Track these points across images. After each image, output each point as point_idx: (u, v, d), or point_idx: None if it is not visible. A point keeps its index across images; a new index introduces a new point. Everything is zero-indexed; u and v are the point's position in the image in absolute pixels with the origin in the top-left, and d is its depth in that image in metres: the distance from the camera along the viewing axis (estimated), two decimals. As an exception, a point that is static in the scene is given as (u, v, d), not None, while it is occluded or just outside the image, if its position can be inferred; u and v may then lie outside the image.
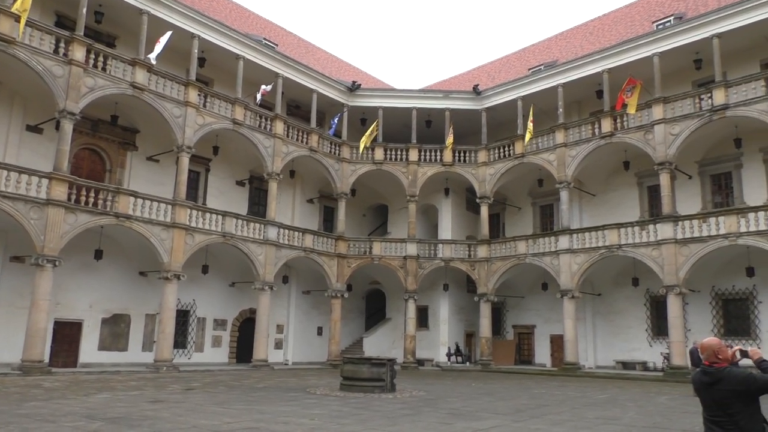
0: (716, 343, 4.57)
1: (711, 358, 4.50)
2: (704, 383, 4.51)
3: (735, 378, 4.31)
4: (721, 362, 4.48)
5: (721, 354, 4.50)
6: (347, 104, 31.91)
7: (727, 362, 4.47)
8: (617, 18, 33.13)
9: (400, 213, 33.46)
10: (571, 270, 27.06)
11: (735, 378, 4.31)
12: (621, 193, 29.11)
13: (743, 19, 23.29)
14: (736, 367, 4.41)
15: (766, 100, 22.23)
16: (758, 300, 24.22)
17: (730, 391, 4.32)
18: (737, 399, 4.30)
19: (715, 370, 4.46)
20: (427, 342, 31.67)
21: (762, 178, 24.73)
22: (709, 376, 4.47)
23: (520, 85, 30.66)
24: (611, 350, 28.30)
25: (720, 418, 4.39)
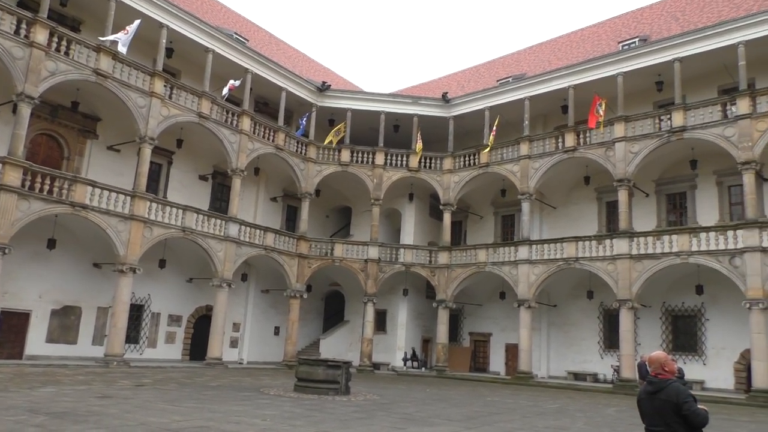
0: (663, 357, 4.85)
1: (657, 370, 4.75)
2: (648, 392, 4.76)
3: (673, 390, 4.57)
4: (666, 374, 4.74)
5: (667, 367, 4.78)
6: (316, 104, 31.80)
7: (672, 375, 4.75)
8: (584, 36, 33.87)
9: (364, 216, 33.49)
10: (529, 280, 27.48)
11: (673, 390, 4.57)
12: (581, 207, 29.73)
13: (703, 46, 24.09)
14: (679, 381, 4.65)
15: (722, 124, 23.03)
16: (705, 318, 25.02)
17: (666, 401, 4.56)
18: (673, 410, 4.53)
19: (659, 381, 4.72)
20: (384, 346, 31.73)
21: (715, 199, 25.58)
22: (653, 385, 4.73)
23: (488, 96, 31.05)
24: (564, 361, 28.84)
25: (659, 428, 4.61)
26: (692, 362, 24.76)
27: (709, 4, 27.99)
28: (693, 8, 28.75)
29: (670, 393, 4.57)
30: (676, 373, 4.85)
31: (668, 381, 4.68)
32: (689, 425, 4.51)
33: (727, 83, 24.86)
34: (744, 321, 21.97)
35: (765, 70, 24.02)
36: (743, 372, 23.22)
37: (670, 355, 20.70)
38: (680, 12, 29.19)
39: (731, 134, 22.74)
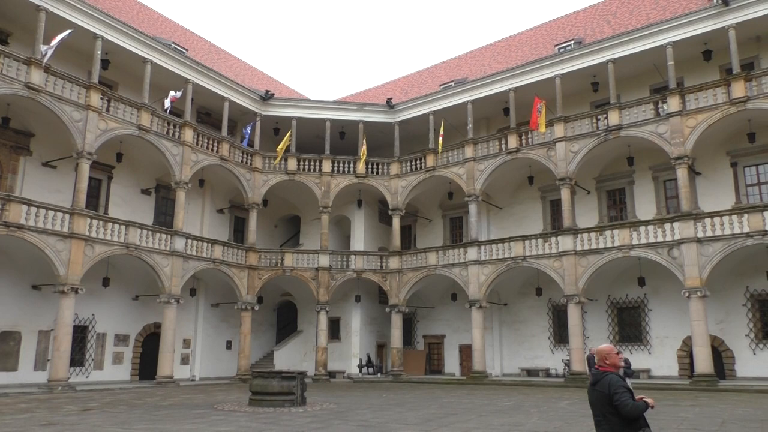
0: (608, 349, 4.97)
1: (600, 363, 4.91)
2: (591, 383, 4.93)
3: (607, 381, 4.74)
4: (607, 367, 4.87)
5: (609, 360, 4.90)
6: (260, 113, 31.47)
7: (614, 368, 4.85)
8: (523, 40, 34.72)
9: (313, 224, 33.29)
10: (479, 281, 27.89)
11: (607, 381, 4.74)
12: (526, 206, 30.39)
13: (635, 47, 25.07)
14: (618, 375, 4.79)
15: (655, 122, 24.01)
16: (648, 308, 25.96)
17: (601, 393, 4.73)
18: (606, 401, 4.70)
19: (598, 373, 4.88)
20: (339, 354, 31.58)
21: (652, 194, 26.60)
22: (594, 377, 4.90)
23: (432, 100, 31.42)
24: (516, 358, 29.37)
25: (598, 418, 4.84)
26: (638, 352, 25.63)
27: (638, 8, 29.16)
28: (623, 11, 29.88)
29: (604, 384, 4.74)
30: (621, 364, 4.98)
31: (605, 373, 4.83)
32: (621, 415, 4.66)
33: (658, 82, 25.92)
34: (684, 309, 22.89)
35: (693, 70, 25.16)
36: (686, 358, 24.18)
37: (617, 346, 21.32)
38: (612, 15, 30.29)
39: (664, 131, 23.72)
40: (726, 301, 23.66)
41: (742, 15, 22.69)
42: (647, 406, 4.65)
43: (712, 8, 23.35)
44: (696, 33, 23.73)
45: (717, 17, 23.17)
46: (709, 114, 22.80)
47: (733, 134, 23.79)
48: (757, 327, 23.26)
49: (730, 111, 22.34)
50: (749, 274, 23.09)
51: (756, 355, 23.03)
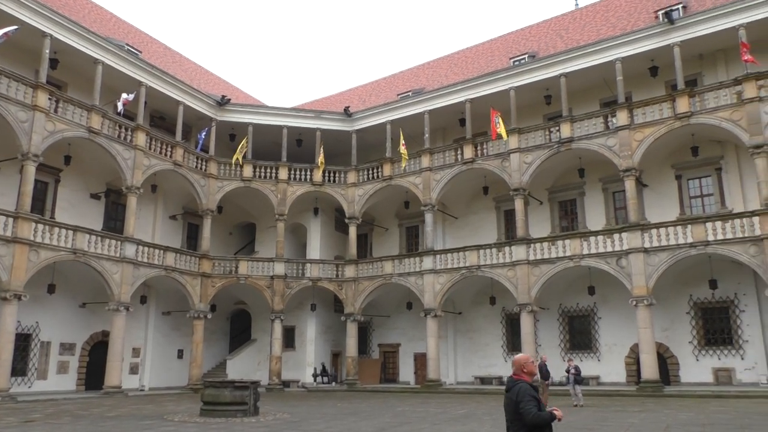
0: (524, 359, 5.23)
1: (517, 371, 5.14)
2: (505, 390, 5.13)
3: (517, 390, 4.97)
4: (523, 375, 5.10)
5: (526, 368, 5.14)
6: (216, 118, 31.04)
7: (530, 376, 5.12)
8: (479, 52, 35.33)
9: (269, 232, 32.93)
10: (434, 289, 28.08)
11: (517, 390, 4.97)
12: (481, 216, 30.80)
13: (586, 62, 25.83)
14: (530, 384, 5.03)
15: (605, 135, 24.74)
16: (598, 316, 26.60)
17: (511, 399, 4.98)
18: (514, 408, 4.94)
19: (512, 381, 5.10)
20: (294, 363, 31.25)
21: (601, 205, 27.35)
22: (508, 384, 5.12)
23: (390, 110, 31.61)
24: (470, 366, 29.63)
25: (509, 422, 5.06)
26: (588, 359, 26.21)
27: (589, 24, 30.07)
28: (575, 27, 30.77)
29: (515, 392, 4.97)
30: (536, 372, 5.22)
31: (518, 381, 5.05)
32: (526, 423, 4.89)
33: (607, 97, 26.73)
34: (632, 317, 23.54)
35: (640, 85, 26.04)
36: (633, 365, 24.84)
37: (568, 354, 21.79)
38: (564, 30, 31.15)
39: (613, 144, 24.46)
40: (671, 309, 24.46)
41: (687, 34, 23.67)
42: (553, 417, 4.86)
43: (659, 26, 24.28)
44: (643, 50, 24.62)
45: (663, 35, 24.10)
46: (655, 128, 23.63)
47: (677, 148, 24.70)
48: (700, 334, 24.11)
49: (675, 125, 23.21)
50: (692, 283, 23.93)
51: (699, 361, 23.86)
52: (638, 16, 27.61)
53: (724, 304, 23.72)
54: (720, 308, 23.88)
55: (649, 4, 28.24)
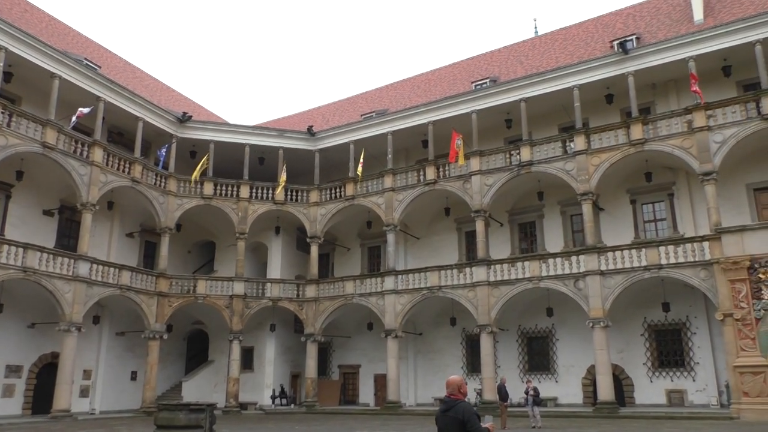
0: (460, 380, 5.45)
1: (454, 392, 5.41)
2: (442, 411, 5.30)
3: (461, 409, 5.17)
4: (459, 395, 5.32)
5: (462, 389, 5.37)
6: (177, 135, 30.62)
7: (464, 396, 5.34)
8: (442, 75, 35.85)
9: (229, 250, 32.45)
10: (396, 310, 28.05)
11: (461, 409, 5.17)
12: (442, 237, 31.01)
13: (545, 88, 26.46)
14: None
15: (563, 159, 25.30)
16: (556, 338, 26.95)
17: (454, 418, 5.14)
18: (458, 427, 5.12)
19: (451, 400, 5.28)
20: (252, 384, 30.69)
21: (560, 227, 27.86)
22: (446, 404, 5.29)
23: (353, 130, 31.72)
24: (430, 388, 29.55)
25: None
26: (546, 380, 26.46)
27: (548, 51, 30.87)
28: (535, 54, 31.54)
29: (458, 411, 5.14)
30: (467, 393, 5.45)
31: (458, 401, 5.25)
32: None
33: (566, 122, 27.37)
34: (589, 339, 23.91)
35: (597, 111, 26.76)
36: (590, 386, 25.18)
37: (526, 375, 21.97)
38: (525, 56, 31.89)
39: (571, 168, 25.02)
40: (626, 331, 24.95)
41: (640, 64, 24.53)
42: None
43: (614, 56, 25.09)
44: (599, 78, 25.38)
45: (618, 64, 24.90)
46: (611, 153, 24.28)
47: (632, 173, 25.41)
48: (654, 356, 24.64)
49: (630, 151, 23.90)
50: (647, 306, 24.48)
51: (652, 382, 24.35)
52: (595, 45, 28.50)
53: (677, 326, 24.33)
54: (672, 330, 24.48)
55: (605, 34, 29.19)
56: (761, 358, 19.38)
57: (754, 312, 19.87)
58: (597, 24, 31.16)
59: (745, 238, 20.63)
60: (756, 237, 20.52)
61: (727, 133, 22.05)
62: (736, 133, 21.91)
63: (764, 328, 19.61)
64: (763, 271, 20.01)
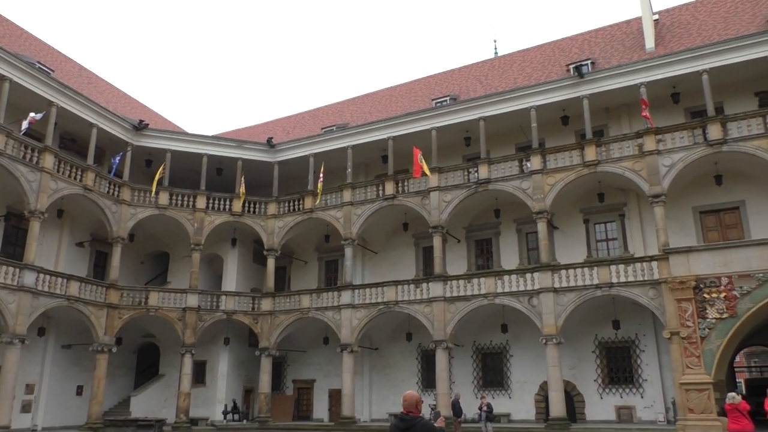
0: (417, 396, 5.45)
1: (411, 408, 5.35)
2: (399, 428, 5.26)
3: (424, 426, 5.20)
4: (417, 412, 5.32)
5: (419, 406, 5.39)
6: (132, 143, 29.98)
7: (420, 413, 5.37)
8: (403, 91, 36.20)
9: (183, 262, 31.84)
10: (352, 324, 27.96)
11: (424, 426, 5.20)
12: (400, 252, 31.13)
13: (503, 108, 26.98)
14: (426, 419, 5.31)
15: (519, 178, 25.80)
16: (510, 354, 27.28)
17: None
18: None
19: (410, 418, 5.26)
20: (203, 399, 30.04)
21: (515, 245, 28.31)
22: (405, 422, 5.26)
23: (313, 143, 31.67)
24: (385, 403, 29.47)
25: None
26: (500, 396, 26.72)
27: (507, 72, 31.55)
28: (494, 74, 32.19)
29: (420, 428, 5.16)
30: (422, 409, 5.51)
31: (417, 419, 5.24)
32: None
33: (523, 141, 27.93)
34: (542, 355, 24.27)
35: (553, 132, 27.40)
36: (542, 402, 25.53)
37: (480, 391, 22.20)
38: (484, 76, 32.51)
39: (527, 187, 25.52)
40: (578, 348, 25.45)
41: (595, 88, 25.29)
42: None
43: (570, 79, 25.81)
44: (556, 100, 26.04)
45: (573, 87, 25.62)
46: (565, 174, 24.88)
47: (585, 193, 26.09)
48: (604, 372, 25.19)
49: (584, 172, 24.55)
50: (598, 323, 25.04)
51: (603, 399, 24.86)
52: (551, 68, 29.27)
53: (626, 344, 24.95)
54: (622, 348, 25.08)
55: (561, 57, 30.02)
56: (706, 376, 20.03)
57: (699, 330, 20.56)
58: (554, 48, 32.02)
59: (691, 259, 21.38)
60: (701, 258, 21.30)
61: (676, 158, 22.90)
62: (683, 157, 22.78)
63: (709, 346, 20.30)
64: (707, 291, 20.76)
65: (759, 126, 21.88)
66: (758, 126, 21.90)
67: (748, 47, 22.73)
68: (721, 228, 24.29)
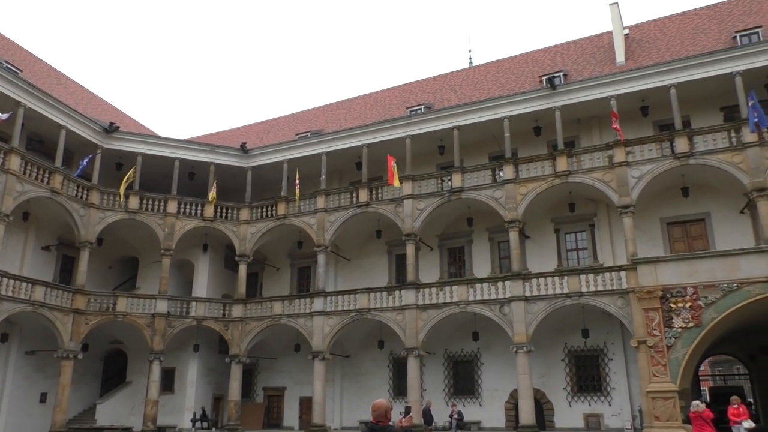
0: (387, 404, 5.43)
1: (380, 417, 5.30)
2: None
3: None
4: (386, 420, 5.31)
5: (389, 414, 5.35)
6: (102, 146, 29.48)
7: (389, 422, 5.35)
8: (377, 99, 36.30)
9: (153, 267, 31.33)
10: (324, 332, 27.82)
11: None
12: (373, 259, 31.12)
13: (477, 117, 27.23)
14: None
15: (492, 187, 26.03)
16: (481, 362, 27.43)
17: None
18: None
19: (380, 427, 5.27)
20: (172, 407, 29.56)
21: (488, 253, 28.52)
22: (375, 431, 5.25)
23: (287, 149, 31.53)
24: (356, 411, 29.34)
25: None
26: (470, 404, 26.82)
27: (481, 82, 31.88)
28: (468, 84, 32.50)
29: None
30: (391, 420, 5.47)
31: (388, 426, 5.26)
32: None
33: (496, 151, 28.19)
34: (512, 363, 24.45)
35: (525, 142, 27.71)
36: (512, 410, 25.70)
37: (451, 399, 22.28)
38: (458, 86, 32.79)
39: (499, 196, 25.77)
40: (548, 356, 25.70)
41: (567, 99, 25.69)
42: None
43: (542, 90, 26.19)
44: (528, 110, 26.37)
45: (546, 99, 25.99)
46: (537, 183, 25.19)
47: (557, 203, 26.43)
48: (573, 381, 25.48)
49: (555, 182, 24.89)
50: (567, 332, 25.34)
51: (571, 407, 25.14)
52: (525, 79, 29.66)
53: (595, 352, 25.29)
54: (591, 356, 25.41)
55: (535, 69, 30.44)
56: (672, 384, 20.40)
57: (665, 339, 20.94)
58: (528, 59, 32.47)
59: (659, 269, 21.80)
60: (668, 268, 21.74)
61: (644, 169, 23.37)
62: (651, 169, 23.27)
63: (675, 355, 20.70)
64: (674, 301, 21.17)
65: (724, 140, 22.50)
66: (723, 140, 22.52)
67: (714, 63, 23.37)
68: (687, 239, 24.84)
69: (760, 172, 21.53)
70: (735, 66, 22.97)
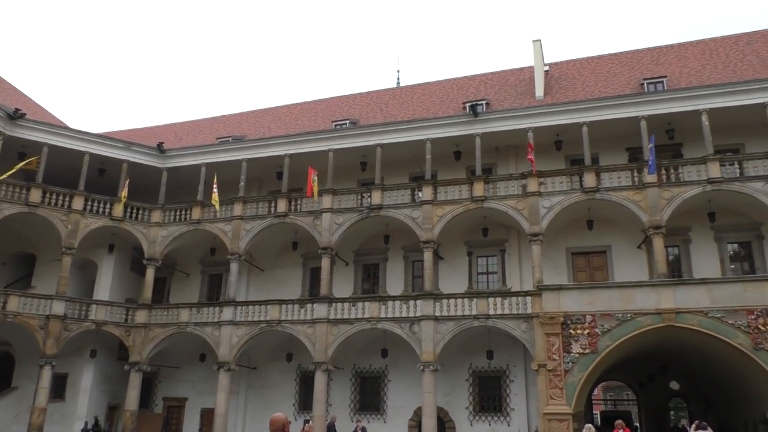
0: (284, 419, 5.36)
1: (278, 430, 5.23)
2: None
3: None
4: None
5: (287, 428, 5.30)
6: (4, 132, 27.64)
7: None
8: (303, 110, 36.14)
9: (52, 265, 29.51)
10: (231, 342, 27.17)
11: None
12: (287, 271, 30.75)
13: (400, 137, 27.68)
14: None
15: (411, 206, 26.47)
16: (388, 379, 27.62)
17: None
18: None
19: None
20: (61, 415, 27.83)
21: (402, 272, 28.88)
22: None
23: (207, 152, 30.76)
24: (259, 424, 28.73)
25: None
26: (375, 420, 26.91)
27: (406, 103, 32.48)
28: (394, 103, 33.01)
29: None
30: None
31: None
32: None
33: (416, 172, 28.64)
34: (418, 381, 24.76)
35: (445, 165, 28.33)
36: (416, 428, 25.99)
37: (356, 415, 22.30)
38: (384, 104, 33.25)
39: (417, 216, 26.23)
40: (453, 376, 26.23)
41: (487, 127, 26.61)
42: None
43: (465, 116, 27.02)
44: (451, 134, 27.10)
45: (468, 125, 26.82)
46: (454, 206, 25.85)
47: (471, 227, 27.20)
48: (476, 401, 26.13)
49: (471, 207, 25.63)
50: (473, 353, 25.96)
51: (473, 426, 25.74)
52: (449, 103, 30.49)
53: (498, 373, 26.06)
54: (494, 377, 26.16)
55: (459, 95, 31.36)
56: (567, 407, 21.35)
57: (564, 364, 21.93)
58: (453, 85, 33.40)
59: (562, 296, 22.87)
60: (570, 296, 22.85)
61: (554, 200, 24.53)
62: (561, 201, 24.46)
63: (571, 379, 21.69)
64: (573, 327, 22.25)
65: (627, 178, 24.06)
66: (627, 178, 24.08)
67: (622, 106, 25.01)
68: (589, 269, 26.23)
69: (657, 211, 23.12)
70: (641, 111, 24.66)
